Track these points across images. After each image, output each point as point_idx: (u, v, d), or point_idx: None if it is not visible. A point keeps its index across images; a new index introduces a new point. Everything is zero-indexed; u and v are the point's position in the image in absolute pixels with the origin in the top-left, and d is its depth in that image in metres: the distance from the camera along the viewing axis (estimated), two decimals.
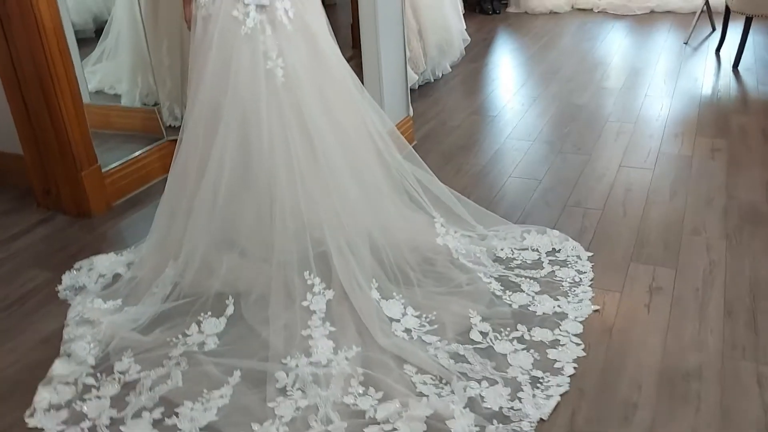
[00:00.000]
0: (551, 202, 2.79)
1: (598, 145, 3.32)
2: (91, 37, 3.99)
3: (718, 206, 2.69)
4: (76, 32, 4.02)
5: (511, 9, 6.39)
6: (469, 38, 4.75)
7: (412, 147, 3.43)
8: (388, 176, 2.37)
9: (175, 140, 3.17)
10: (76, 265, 2.44)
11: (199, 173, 2.16)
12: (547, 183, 2.96)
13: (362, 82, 3.15)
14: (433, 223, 2.39)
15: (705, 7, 5.01)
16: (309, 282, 2.08)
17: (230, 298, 2.12)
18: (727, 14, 4.49)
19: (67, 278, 2.36)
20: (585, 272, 2.23)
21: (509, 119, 3.77)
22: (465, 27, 4.77)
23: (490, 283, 2.16)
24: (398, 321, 2.00)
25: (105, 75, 3.89)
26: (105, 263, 2.43)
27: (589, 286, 2.18)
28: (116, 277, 2.35)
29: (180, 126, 3.51)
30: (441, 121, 3.81)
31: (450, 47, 4.45)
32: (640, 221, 2.60)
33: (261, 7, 2.07)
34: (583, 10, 6.16)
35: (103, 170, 2.90)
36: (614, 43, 5.13)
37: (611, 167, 3.08)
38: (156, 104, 3.55)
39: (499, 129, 3.65)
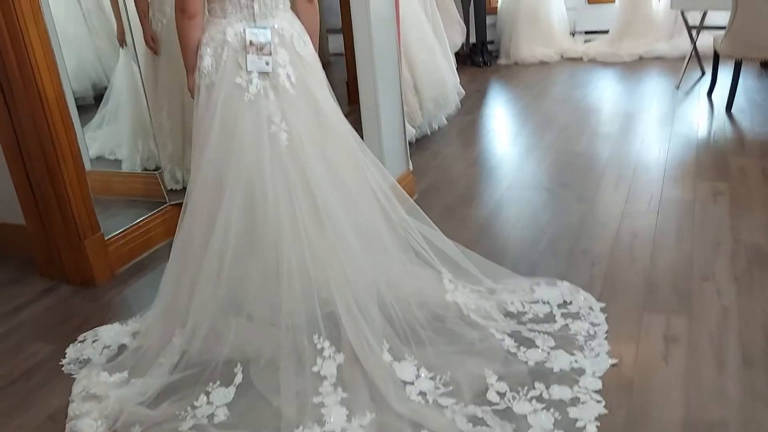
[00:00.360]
0: (558, 251, 2.77)
1: (599, 192, 3.33)
2: (90, 103, 4.04)
3: (725, 250, 2.67)
4: (75, 99, 4.08)
5: (501, 61, 6.52)
6: (463, 91, 4.82)
7: (414, 201, 3.44)
8: (393, 234, 2.36)
9: (178, 204, 3.20)
10: (81, 337, 2.40)
11: (205, 240, 2.15)
12: (551, 232, 2.96)
13: (362, 138, 3.19)
14: (440, 278, 2.37)
15: (693, 52, 5.11)
16: (318, 346, 2.04)
17: (239, 365, 2.07)
18: (717, 58, 4.58)
19: (72, 351, 2.32)
20: (599, 324, 2.20)
21: (508, 169, 3.79)
22: (459, 80, 4.85)
23: (504, 339, 2.13)
24: (412, 384, 1.95)
25: (105, 141, 3.92)
26: (110, 334, 2.39)
27: (605, 338, 2.14)
28: (122, 347, 2.31)
29: (182, 189, 3.57)
30: (441, 174, 3.83)
31: (445, 100, 4.52)
32: (648, 268, 2.58)
33: (264, 74, 2.10)
34: (573, 59, 6.29)
35: (106, 237, 2.88)
36: (606, 90, 5.21)
37: (614, 214, 3.08)
38: (157, 168, 3.57)
39: (498, 179, 3.66)
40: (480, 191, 3.53)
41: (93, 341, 2.36)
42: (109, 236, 2.90)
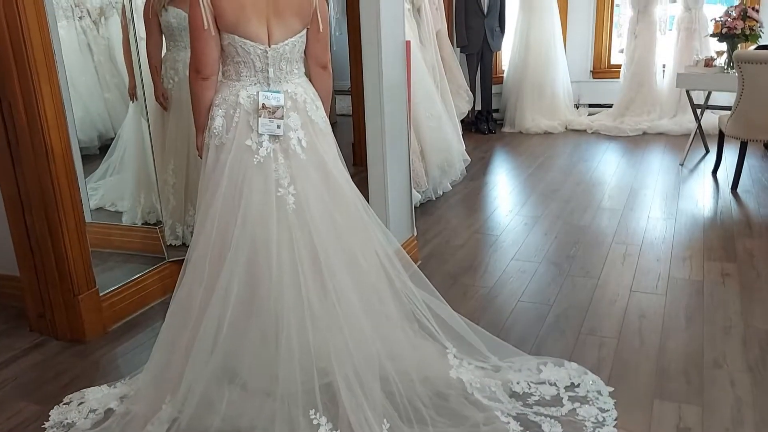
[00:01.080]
0: (564, 329, 2.70)
1: (606, 269, 3.28)
2: (95, 153, 4.03)
3: (736, 335, 2.60)
4: (81, 149, 4.06)
5: (506, 129, 6.58)
6: (469, 158, 4.83)
7: (417, 265, 3.38)
8: (397, 302, 2.30)
9: (176, 261, 3.14)
10: (66, 399, 2.30)
11: (204, 301, 2.08)
12: (558, 308, 2.89)
13: (367, 201, 3.15)
14: (445, 353, 2.29)
15: (698, 130, 5.15)
16: (315, 422, 1.95)
17: None
18: (722, 138, 4.61)
19: (56, 414, 2.21)
20: (608, 410, 2.11)
21: (513, 239, 3.75)
22: (464, 147, 4.86)
23: (509, 423, 2.03)
24: None
25: (108, 192, 3.88)
26: (97, 396, 2.29)
27: (614, 426, 2.05)
28: (108, 412, 2.20)
29: (182, 245, 3.51)
30: (445, 240, 3.78)
31: (451, 167, 4.52)
32: (657, 351, 2.51)
33: (274, 137, 2.07)
34: (577, 131, 6.34)
35: (101, 293, 2.80)
36: (610, 164, 5.23)
37: (622, 292, 3.01)
38: (158, 223, 3.52)
39: (504, 249, 3.61)
40: (485, 260, 3.48)
41: (79, 404, 2.26)
42: (105, 292, 2.83)
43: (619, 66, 6.57)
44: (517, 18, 6.56)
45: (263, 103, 2.06)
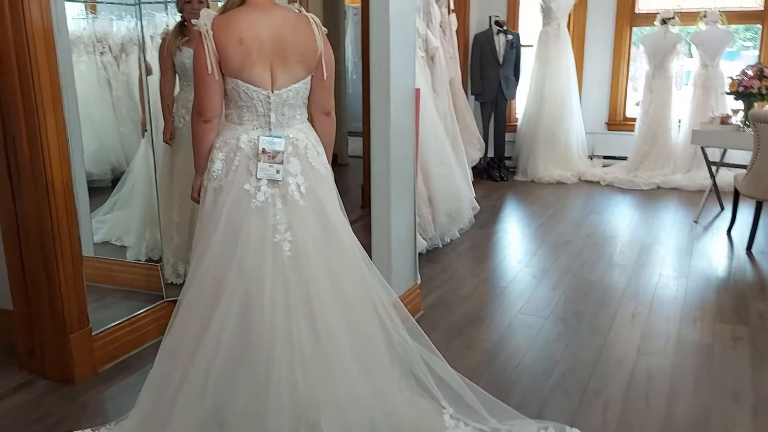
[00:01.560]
0: (569, 389, 2.60)
1: (614, 327, 3.18)
2: (107, 186, 4.04)
3: (746, 404, 2.49)
4: (92, 181, 4.07)
5: (518, 177, 6.54)
6: (478, 206, 4.78)
7: (420, 316, 3.31)
8: (394, 356, 2.22)
9: (174, 301, 3.08)
10: None
11: (195, 344, 2.02)
12: (563, 366, 2.79)
13: (370, 246, 3.11)
14: (441, 413, 2.20)
15: (713, 187, 5.07)
16: None
17: None
18: (737, 196, 4.53)
19: None
20: None
21: (521, 291, 3.66)
22: (474, 195, 4.82)
23: None
24: None
25: (114, 225, 3.87)
26: None
27: None
28: None
29: (182, 284, 3.46)
30: (450, 289, 3.70)
31: (459, 214, 4.47)
32: (664, 417, 2.40)
33: (273, 182, 2.04)
34: (590, 182, 6.28)
35: (94, 332, 2.75)
36: (622, 217, 5.15)
37: (629, 352, 2.91)
38: (160, 260, 3.48)
39: (510, 301, 3.53)
40: (490, 312, 3.39)
41: None
42: (98, 331, 2.77)
43: (634, 119, 6.54)
44: (532, 68, 6.58)
45: (263, 148, 2.03)
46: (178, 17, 3.61)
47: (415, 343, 2.26)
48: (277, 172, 2.04)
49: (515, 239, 4.71)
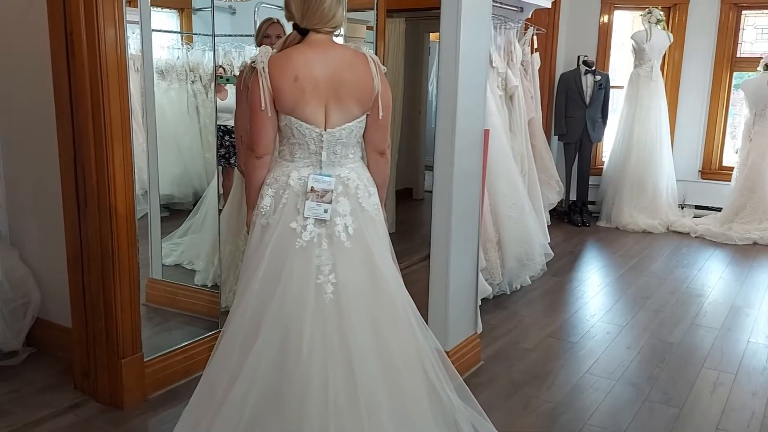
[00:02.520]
0: None
1: (691, 397, 2.89)
2: (189, 209, 4.15)
3: None
4: (174, 204, 4.20)
5: (601, 223, 6.23)
6: (552, 253, 4.55)
7: (479, 367, 3.14)
8: (439, 417, 2.08)
9: None
10: None
11: (229, 386, 1.96)
12: None
13: (427, 292, 2.98)
14: None
15: None
16: None
17: None
18: None
19: None
20: None
21: (591, 348, 3.41)
22: (549, 241, 4.60)
23: None
24: None
25: (187, 249, 3.94)
26: None
27: None
28: None
29: None
30: (513, 341, 3.51)
31: (530, 260, 4.26)
32: None
33: (320, 221, 1.97)
34: (679, 233, 5.90)
35: (147, 358, 2.76)
36: (712, 274, 4.77)
37: (706, 429, 2.63)
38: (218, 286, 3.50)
39: (579, 359, 3.29)
40: (555, 369, 3.17)
41: None
42: (150, 357, 2.78)
43: (731, 168, 6.12)
44: (621, 110, 6.30)
45: (312, 186, 1.97)
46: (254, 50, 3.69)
47: (463, 404, 2.12)
48: (325, 211, 1.97)
49: (591, 290, 4.44)
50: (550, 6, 4.84)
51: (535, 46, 5.05)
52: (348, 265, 1.98)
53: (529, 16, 4.79)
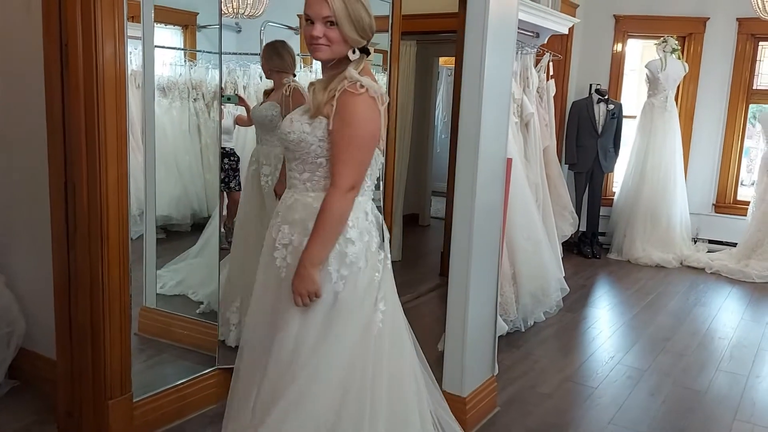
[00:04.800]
0: None
1: None
2: (187, 231, 3.98)
3: None
4: (172, 225, 4.01)
5: (612, 255, 6.03)
6: (567, 288, 4.34)
7: (495, 414, 2.92)
8: None
9: (226, 369, 2.85)
10: None
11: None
12: None
13: (441, 323, 2.77)
14: None
15: None
16: None
17: None
18: None
19: None
20: None
21: (613, 396, 3.19)
22: (564, 275, 4.39)
23: None
24: None
25: (188, 275, 3.73)
26: None
27: None
28: None
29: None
30: (529, 384, 3.28)
31: (546, 296, 4.05)
32: None
33: None
34: (694, 268, 5.70)
35: (137, 398, 2.53)
36: (732, 314, 4.57)
37: None
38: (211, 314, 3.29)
39: (600, 408, 3.06)
40: (575, 419, 2.95)
41: None
42: (140, 398, 2.55)
43: (746, 202, 5.94)
44: (634, 140, 6.13)
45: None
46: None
47: None
48: None
49: (607, 329, 4.22)
50: (566, 32, 4.68)
51: (551, 72, 4.89)
52: None
53: (545, 42, 4.63)
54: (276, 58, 3.24)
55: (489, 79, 2.58)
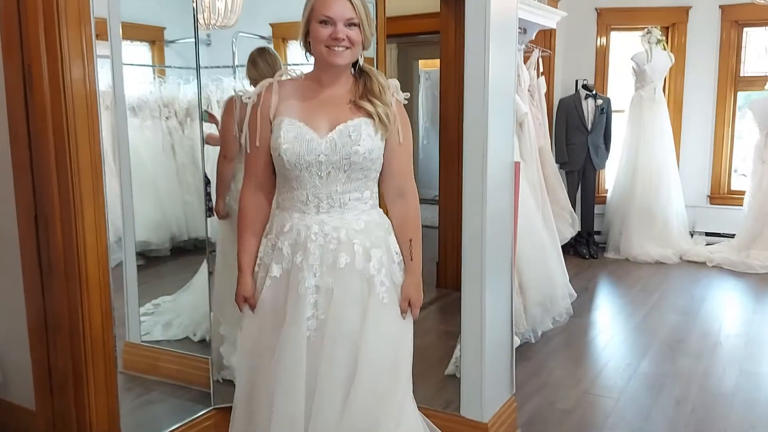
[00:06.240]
0: None
1: None
2: (166, 255, 3.74)
3: None
4: (150, 250, 3.75)
5: (609, 254, 5.88)
6: (575, 294, 4.14)
7: None
8: None
9: (224, 408, 2.62)
10: None
11: None
12: None
13: (459, 354, 2.57)
14: None
15: None
16: None
17: None
18: None
19: None
20: None
21: (638, 408, 2.99)
22: (569, 279, 4.21)
23: None
24: None
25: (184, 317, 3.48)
26: None
27: None
28: None
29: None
30: (548, 400, 3.08)
31: (554, 304, 3.86)
32: None
33: None
34: (694, 262, 5.56)
35: None
36: (742, 309, 4.44)
37: None
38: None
39: (627, 422, 2.86)
40: None
41: None
42: None
43: (740, 192, 5.83)
44: (624, 135, 6.00)
45: None
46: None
47: None
48: None
49: (618, 334, 4.04)
50: (554, 26, 4.52)
51: (541, 69, 4.73)
52: None
53: (533, 38, 4.47)
54: (251, 69, 3.03)
55: (494, 80, 2.40)
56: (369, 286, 1.74)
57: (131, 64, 3.52)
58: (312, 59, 1.77)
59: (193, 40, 2.98)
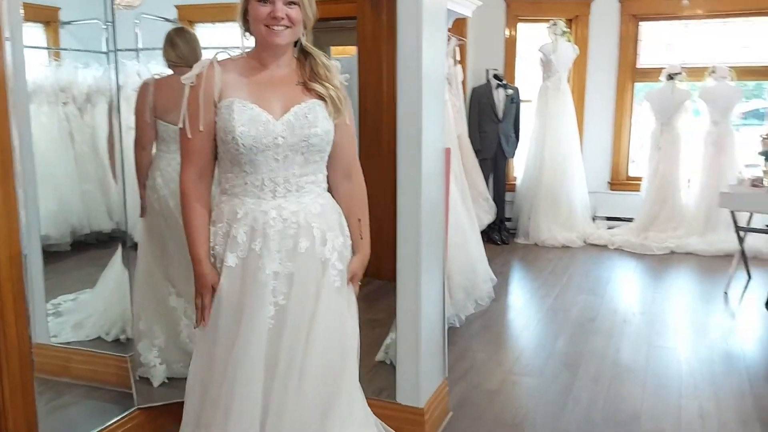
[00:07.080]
0: None
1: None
2: (67, 250, 3.49)
3: None
4: (50, 245, 3.48)
5: (519, 240, 6.08)
6: (495, 279, 4.24)
7: (449, 419, 2.76)
8: None
9: (148, 408, 2.50)
10: None
11: None
12: None
13: (388, 330, 2.56)
14: None
15: (741, 254, 4.65)
16: None
17: None
18: None
19: None
20: None
21: (559, 386, 3.10)
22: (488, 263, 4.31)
23: None
24: None
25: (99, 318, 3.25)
26: None
27: None
28: None
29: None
30: (474, 383, 3.15)
31: (475, 288, 3.94)
32: None
33: None
34: (597, 246, 5.85)
35: None
36: (644, 287, 4.73)
37: None
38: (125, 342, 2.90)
39: (550, 401, 2.97)
40: (529, 417, 2.83)
41: None
42: None
43: (638, 178, 6.19)
44: (532, 125, 6.21)
45: None
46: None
47: None
48: None
49: (533, 316, 4.19)
50: (470, 15, 4.59)
51: (458, 57, 4.79)
52: None
53: (450, 26, 4.51)
54: (169, 50, 2.87)
55: (426, 68, 2.39)
56: (323, 268, 1.71)
57: (30, 47, 3.26)
58: (240, 42, 1.71)
59: (103, 20, 2.79)
